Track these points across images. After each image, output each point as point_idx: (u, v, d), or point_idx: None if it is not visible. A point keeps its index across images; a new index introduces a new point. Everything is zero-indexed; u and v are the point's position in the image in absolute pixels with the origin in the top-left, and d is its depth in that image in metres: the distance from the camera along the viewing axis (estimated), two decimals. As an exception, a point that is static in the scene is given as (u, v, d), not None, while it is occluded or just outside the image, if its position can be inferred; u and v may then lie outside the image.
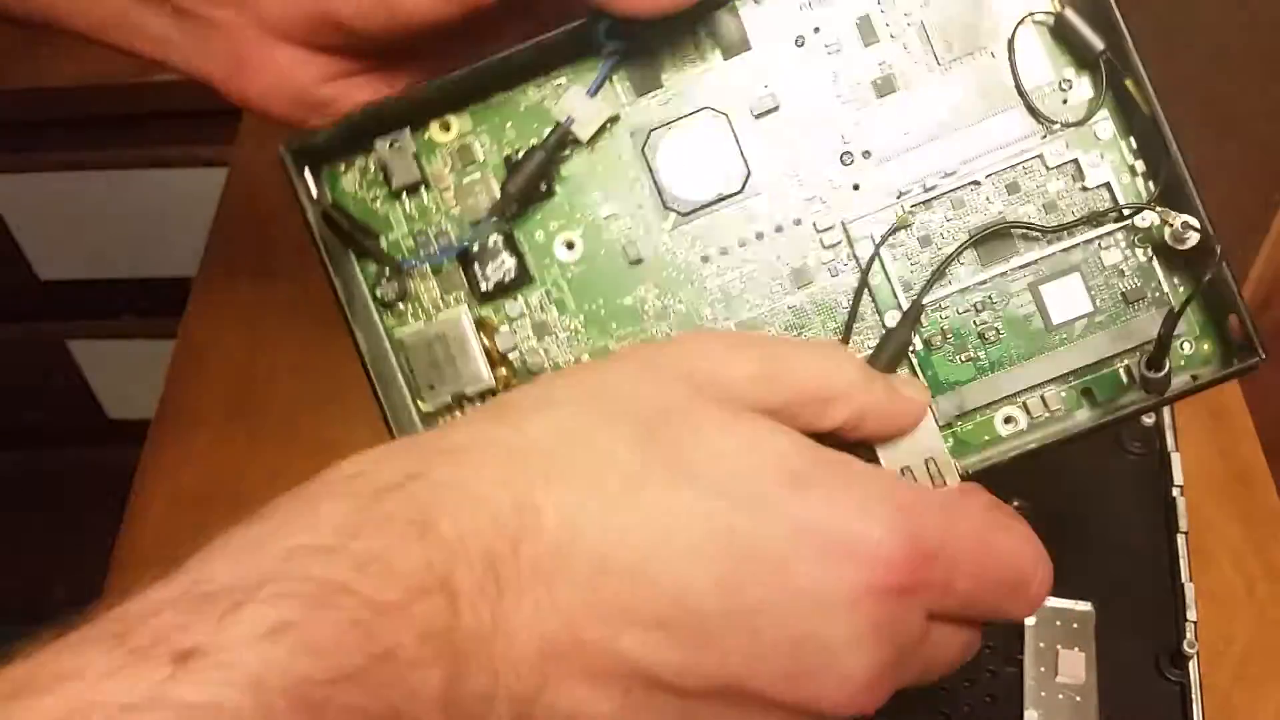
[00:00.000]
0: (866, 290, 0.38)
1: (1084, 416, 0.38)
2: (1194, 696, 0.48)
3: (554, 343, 0.39)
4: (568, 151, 0.38)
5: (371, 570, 0.24)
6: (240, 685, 0.22)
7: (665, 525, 0.27)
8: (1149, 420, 0.55)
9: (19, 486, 1.31)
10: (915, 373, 0.38)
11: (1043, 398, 0.38)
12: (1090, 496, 0.54)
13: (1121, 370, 0.38)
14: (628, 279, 0.39)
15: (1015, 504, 0.52)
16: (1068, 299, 0.38)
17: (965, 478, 0.36)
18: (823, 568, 0.27)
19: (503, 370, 0.39)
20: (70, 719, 0.20)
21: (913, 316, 0.37)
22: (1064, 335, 0.38)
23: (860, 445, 0.33)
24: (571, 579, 0.26)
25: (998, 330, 0.38)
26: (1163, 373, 0.36)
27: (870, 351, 0.37)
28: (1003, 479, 0.54)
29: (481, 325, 0.39)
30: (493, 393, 0.39)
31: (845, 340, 0.38)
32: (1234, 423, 0.61)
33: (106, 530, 0.61)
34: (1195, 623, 0.49)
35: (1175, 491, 0.53)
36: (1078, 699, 0.47)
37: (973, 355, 0.38)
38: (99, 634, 0.22)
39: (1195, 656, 0.49)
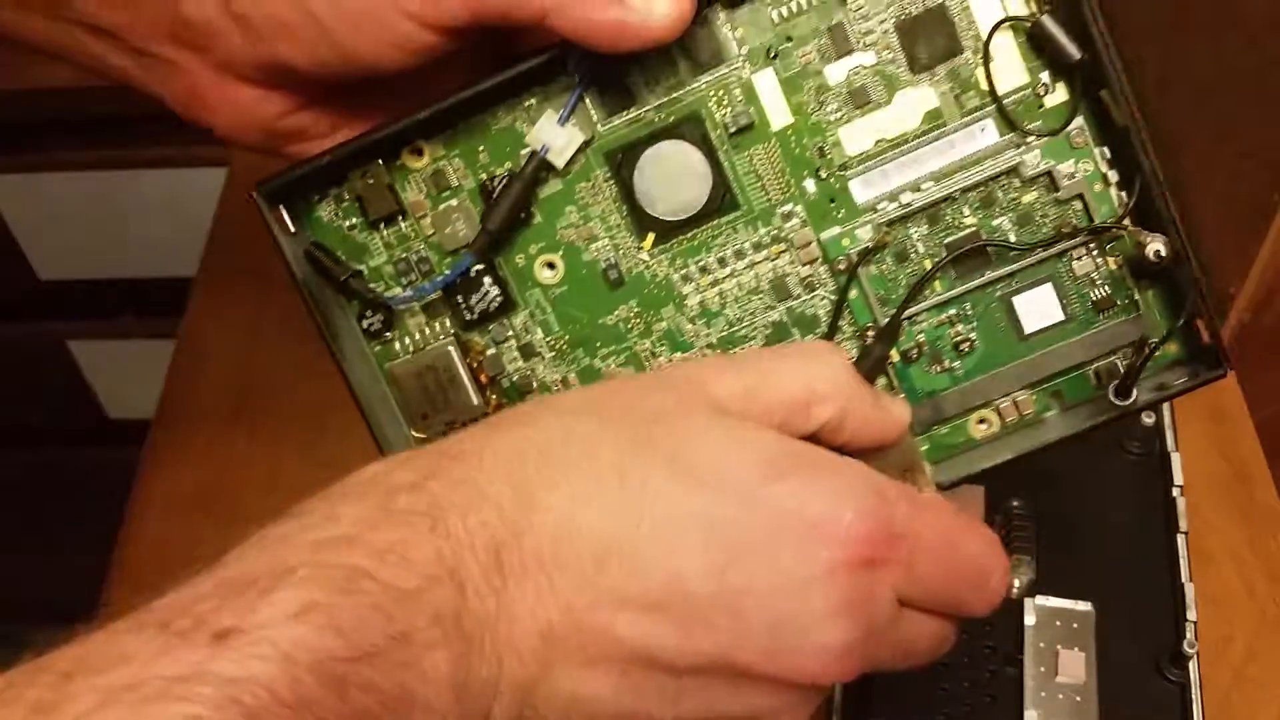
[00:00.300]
0: (845, 305, 0.38)
1: (1055, 422, 0.39)
2: (1194, 696, 0.48)
3: (540, 364, 0.39)
4: (544, 175, 0.38)
5: (389, 559, 0.27)
6: (273, 660, 0.24)
7: (656, 516, 0.29)
8: (1149, 420, 0.56)
9: (19, 486, 1.31)
10: (892, 384, 0.39)
11: (1015, 403, 0.39)
12: (1090, 496, 0.54)
13: (1091, 374, 0.38)
14: (610, 298, 0.39)
15: (1015, 504, 0.52)
16: (1040, 309, 0.38)
17: (941, 489, 0.36)
18: (800, 549, 0.29)
19: (493, 395, 0.39)
20: (125, 693, 0.23)
21: (890, 333, 0.38)
22: (1036, 344, 0.38)
23: (842, 453, 0.34)
24: (570, 568, 0.28)
25: (972, 341, 0.38)
26: (1130, 400, 0.37)
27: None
28: (1002, 479, 0.54)
29: (469, 351, 0.39)
30: (484, 417, 0.39)
31: None
32: (1234, 423, 0.61)
33: (106, 530, 0.61)
34: (1195, 623, 0.49)
35: (1175, 491, 0.53)
36: (1078, 699, 0.47)
37: (948, 366, 0.39)
38: (145, 621, 0.25)
39: (1195, 656, 0.49)
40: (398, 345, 0.40)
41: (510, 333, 0.39)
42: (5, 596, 1.16)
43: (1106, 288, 0.38)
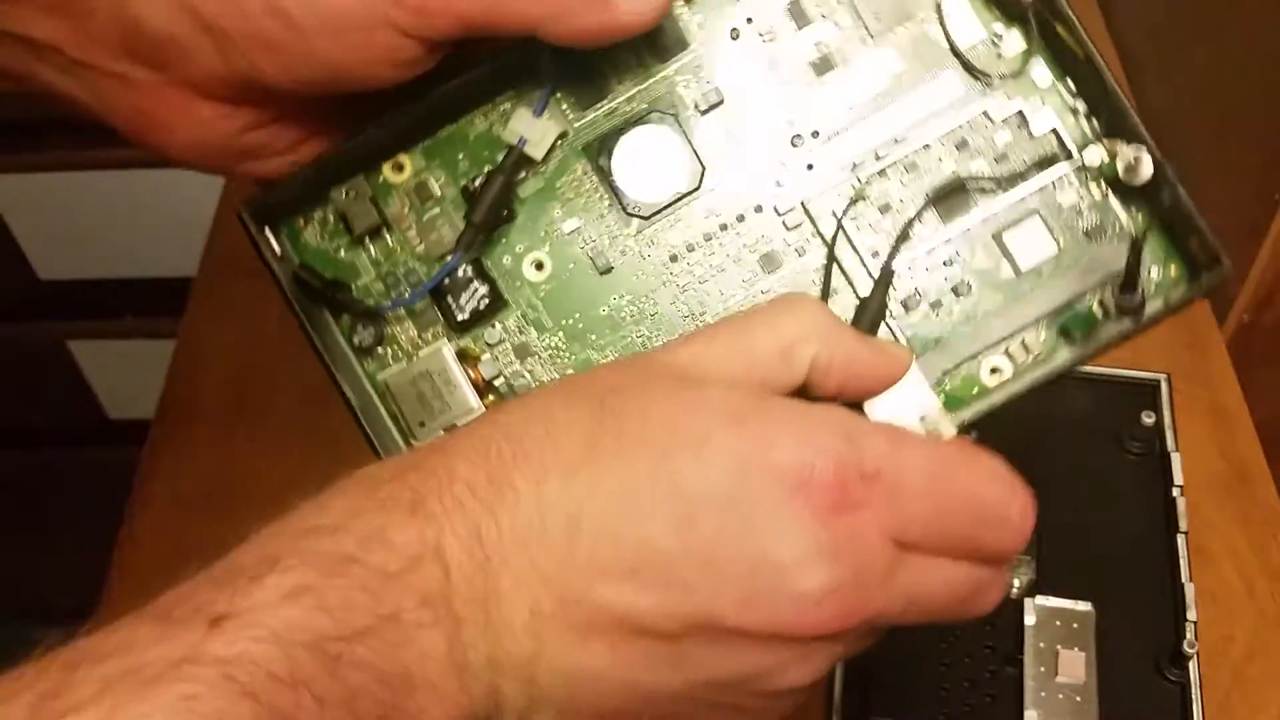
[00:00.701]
0: (836, 264, 0.39)
1: (1064, 355, 0.39)
2: (1194, 696, 0.48)
3: (537, 363, 0.39)
4: (523, 174, 0.39)
5: (373, 544, 0.27)
6: (266, 639, 0.25)
7: (621, 480, 0.29)
8: (1149, 420, 0.56)
9: (19, 486, 1.31)
10: (896, 336, 0.39)
11: (1023, 342, 0.39)
12: (1090, 496, 0.54)
13: (1095, 305, 0.38)
14: (600, 289, 0.39)
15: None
16: (1032, 244, 0.38)
17: (963, 429, 0.36)
18: (764, 495, 0.29)
19: (490, 398, 0.39)
20: (126, 677, 0.24)
21: (884, 281, 0.38)
22: (1034, 279, 0.39)
23: (853, 407, 0.33)
24: (546, 542, 0.28)
25: (969, 283, 0.39)
26: (1137, 294, 0.37)
27: (849, 322, 0.38)
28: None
29: (463, 356, 0.39)
30: None
31: None
32: (1234, 423, 0.61)
33: (106, 530, 0.61)
34: (1195, 623, 0.49)
35: (1175, 491, 0.53)
36: (1078, 699, 0.47)
37: (949, 311, 0.39)
38: (144, 614, 0.26)
39: (1195, 656, 0.49)
40: (390, 356, 0.40)
41: (504, 334, 0.39)
42: (5, 596, 1.16)
43: (1094, 215, 0.38)
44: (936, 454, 0.31)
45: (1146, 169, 0.36)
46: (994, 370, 0.39)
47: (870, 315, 0.37)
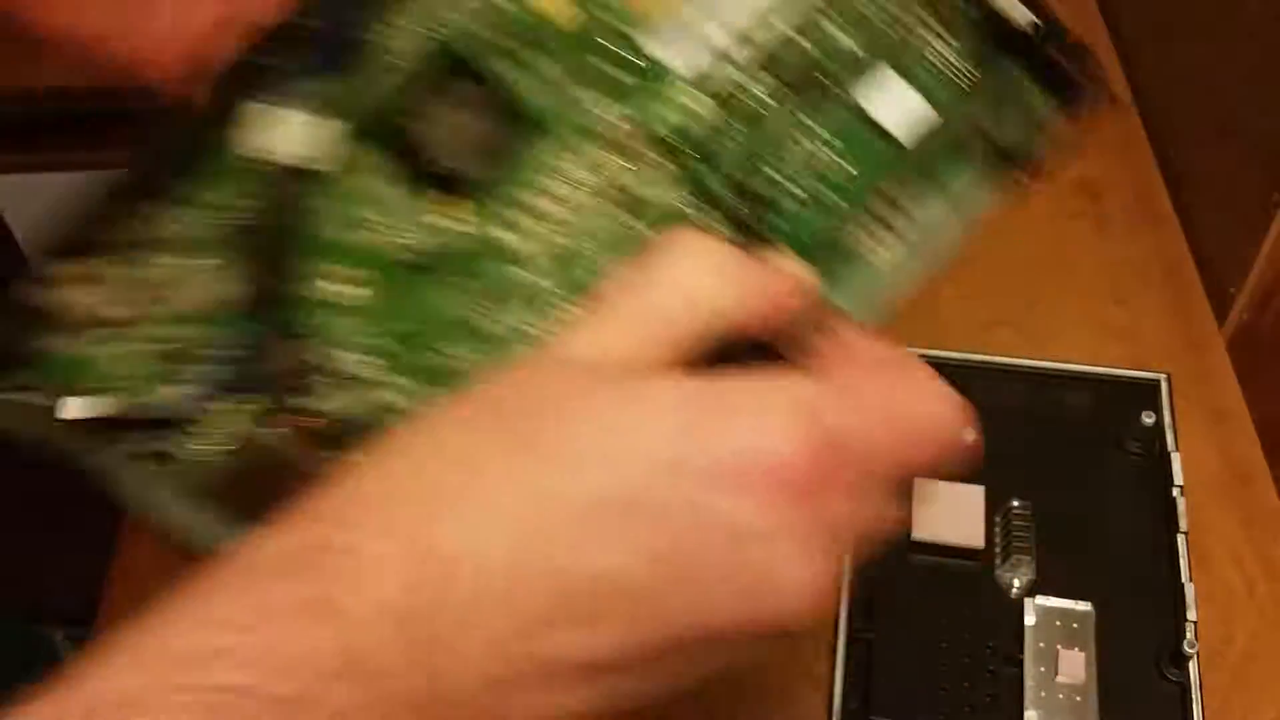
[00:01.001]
0: (705, 188, 0.33)
1: (956, 221, 0.35)
2: (1194, 696, 0.48)
3: (380, 388, 0.32)
4: (308, 187, 0.32)
5: (270, 664, 0.23)
6: None
7: (563, 520, 0.25)
8: (1149, 420, 0.55)
9: (19, 487, 1.31)
10: (785, 248, 0.34)
11: (907, 214, 0.35)
12: (1090, 496, 0.54)
13: (980, 161, 0.35)
14: (438, 289, 0.32)
15: (1015, 504, 0.52)
16: (904, 110, 0.35)
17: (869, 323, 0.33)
18: (735, 498, 0.25)
19: (338, 445, 0.31)
20: None
21: (759, 193, 0.34)
22: (910, 145, 0.35)
23: (767, 352, 0.30)
24: (491, 609, 0.25)
25: (843, 166, 0.34)
26: (1024, 142, 0.35)
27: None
28: (1002, 479, 0.54)
29: (292, 411, 0.31)
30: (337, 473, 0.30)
31: None
32: (1234, 423, 0.61)
33: (106, 530, 0.61)
34: (1195, 623, 0.49)
35: (1175, 491, 0.53)
36: (1078, 699, 0.47)
37: (828, 202, 0.34)
38: None
39: (1195, 656, 0.49)
40: (210, 446, 0.31)
41: (332, 373, 0.32)
42: (5, 596, 1.16)
43: (970, 69, 0.35)
44: (885, 385, 0.29)
45: (1020, 10, 0.34)
46: (887, 250, 0.35)
47: (750, 232, 0.33)
